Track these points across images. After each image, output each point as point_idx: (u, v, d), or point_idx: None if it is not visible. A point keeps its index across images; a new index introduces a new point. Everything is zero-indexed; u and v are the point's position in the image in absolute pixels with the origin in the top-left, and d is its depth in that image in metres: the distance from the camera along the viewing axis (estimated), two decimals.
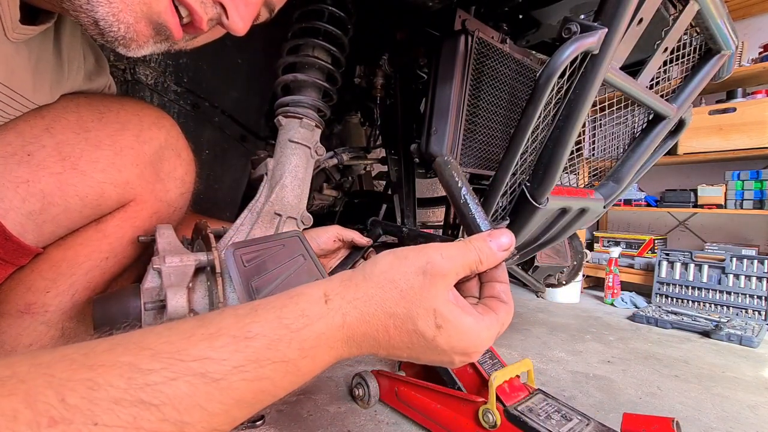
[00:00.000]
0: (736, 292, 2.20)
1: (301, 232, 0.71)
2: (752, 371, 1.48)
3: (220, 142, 1.14)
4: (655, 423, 0.78)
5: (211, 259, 0.59)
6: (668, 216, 2.98)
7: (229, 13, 0.49)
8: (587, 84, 0.63)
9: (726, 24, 0.75)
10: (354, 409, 1.06)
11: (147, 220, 0.68)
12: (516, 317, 2.04)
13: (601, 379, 1.34)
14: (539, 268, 1.28)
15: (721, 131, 2.40)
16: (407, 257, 0.38)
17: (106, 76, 0.73)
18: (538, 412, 0.85)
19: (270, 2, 0.55)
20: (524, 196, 0.72)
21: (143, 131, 0.64)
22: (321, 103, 0.87)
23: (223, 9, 0.48)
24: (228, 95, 1.13)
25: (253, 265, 0.60)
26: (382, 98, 1.12)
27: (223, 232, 0.74)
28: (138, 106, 0.67)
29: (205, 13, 0.48)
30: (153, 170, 0.66)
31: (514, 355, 1.51)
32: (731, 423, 1.09)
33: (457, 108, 0.85)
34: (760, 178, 2.35)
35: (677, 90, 0.84)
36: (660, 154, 0.92)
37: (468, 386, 0.92)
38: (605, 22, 0.59)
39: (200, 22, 0.48)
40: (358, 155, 1.24)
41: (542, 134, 0.69)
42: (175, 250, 0.59)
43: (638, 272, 2.63)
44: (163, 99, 1.02)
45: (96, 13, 0.42)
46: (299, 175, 0.82)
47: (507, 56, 0.93)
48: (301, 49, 0.86)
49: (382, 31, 1.06)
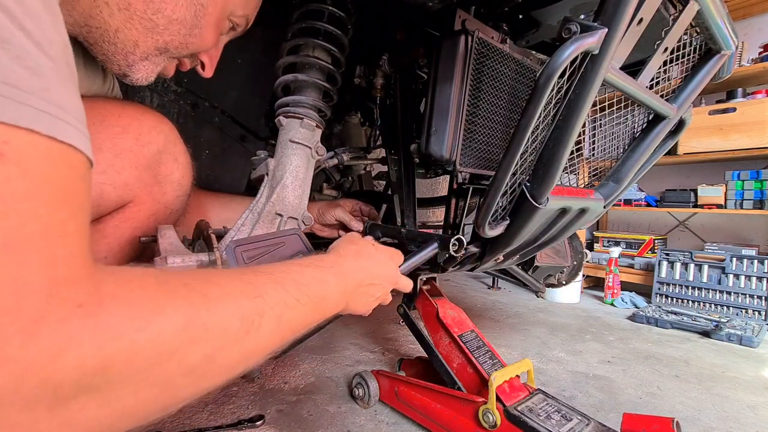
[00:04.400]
0: (736, 292, 2.20)
1: (300, 230, 0.72)
2: (752, 371, 1.48)
3: (219, 142, 1.14)
4: (655, 423, 0.78)
5: (213, 259, 0.59)
6: (668, 216, 2.98)
7: (206, 68, 0.72)
8: (587, 84, 0.63)
9: (726, 24, 0.75)
10: (354, 409, 1.06)
11: (145, 221, 0.68)
12: (516, 317, 2.04)
13: (601, 379, 1.34)
14: (539, 268, 1.28)
15: (721, 131, 2.40)
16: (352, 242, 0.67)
17: (109, 78, 0.74)
18: (538, 412, 0.85)
19: (236, 24, 0.71)
20: (524, 196, 0.72)
21: (143, 135, 0.65)
22: (321, 104, 0.86)
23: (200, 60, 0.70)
24: (228, 95, 1.13)
25: (254, 262, 0.60)
26: (382, 98, 1.12)
27: (223, 232, 0.74)
28: (138, 110, 0.67)
29: (191, 65, 0.70)
30: (151, 173, 0.67)
31: (514, 355, 1.51)
32: (731, 423, 1.09)
33: (457, 108, 0.85)
34: (760, 178, 2.35)
35: (677, 90, 0.84)
36: (660, 154, 0.92)
37: (468, 386, 0.92)
38: (605, 22, 0.59)
39: (186, 68, 0.70)
40: (358, 155, 1.24)
41: (542, 134, 0.69)
42: (177, 251, 0.59)
43: (638, 272, 2.63)
44: (163, 99, 1.02)
45: (133, 75, 0.61)
46: (300, 176, 0.82)
47: (507, 56, 0.93)
48: (302, 49, 0.86)
49: (382, 31, 1.06)
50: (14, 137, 0.26)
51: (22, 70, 0.27)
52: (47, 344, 0.25)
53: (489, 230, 0.75)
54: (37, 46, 0.28)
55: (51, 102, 0.28)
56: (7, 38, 0.26)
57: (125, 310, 0.29)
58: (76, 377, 0.26)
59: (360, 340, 1.56)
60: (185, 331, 0.32)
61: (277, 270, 0.48)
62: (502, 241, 0.81)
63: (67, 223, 0.29)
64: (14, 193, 0.26)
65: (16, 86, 0.26)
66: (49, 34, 0.29)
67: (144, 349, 0.29)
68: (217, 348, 0.35)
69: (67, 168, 0.30)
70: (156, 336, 0.30)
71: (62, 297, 0.27)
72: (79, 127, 0.31)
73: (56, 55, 0.29)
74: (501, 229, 0.77)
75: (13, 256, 0.25)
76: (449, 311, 1.05)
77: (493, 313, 2.09)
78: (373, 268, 0.63)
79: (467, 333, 1.01)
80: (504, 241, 0.81)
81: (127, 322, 0.29)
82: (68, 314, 0.26)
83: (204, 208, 0.92)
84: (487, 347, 0.99)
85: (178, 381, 0.32)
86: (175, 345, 0.31)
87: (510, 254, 0.94)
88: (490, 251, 0.87)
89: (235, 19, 0.69)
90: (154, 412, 0.32)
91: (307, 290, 0.48)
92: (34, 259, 0.26)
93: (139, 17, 0.55)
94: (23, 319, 0.24)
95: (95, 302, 0.28)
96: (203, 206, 0.92)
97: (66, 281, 0.27)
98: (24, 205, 0.26)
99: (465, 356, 0.95)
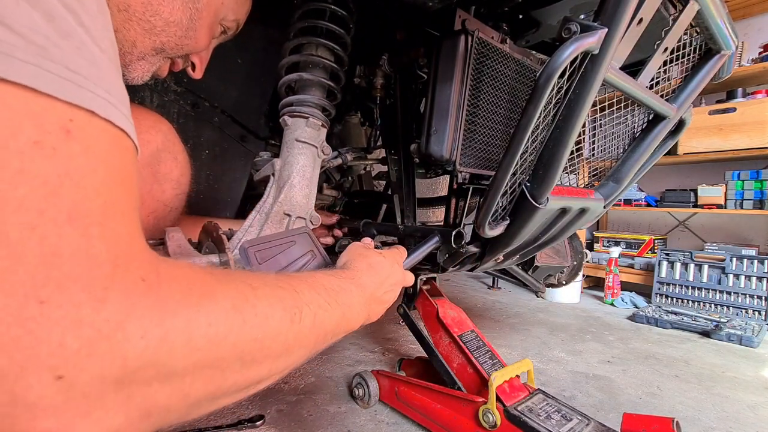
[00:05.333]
0: (736, 292, 2.20)
1: (309, 229, 0.72)
2: (752, 371, 1.48)
3: (219, 142, 1.14)
4: (655, 423, 0.78)
5: (225, 260, 0.59)
6: (668, 216, 2.97)
7: (197, 69, 0.72)
8: (587, 84, 0.63)
9: (726, 24, 0.75)
10: (354, 409, 1.06)
11: (144, 219, 0.69)
12: (516, 317, 2.04)
13: (601, 379, 1.34)
14: (539, 268, 1.28)
15: (721, 131, 2.40)
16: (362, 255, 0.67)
17: None
18: (538, 412, 0.85)
19: (227, 28, 0.72)
20: (524, 196, 0.72)
21: (141, 134, 0.66)
22: (326, 102, 0.86)
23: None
24: (228, 95, 1.12)
25: (267, 261, 0.60)
26: (382, 98, 1.12)
27: (230, 233, 0.74)
28: (136, 110, 0.68)
29: (183, 65, 0.71)
30: (150, 171, 0.68)
31: (514, 355, 1.51)
32: (731, 423, 1.09)
33: (457, 108, 0.85)
34: (760, 178, 2.35)
35: (677, 90, 0.84)
36: (660, 154, 0.92)
37: (468, 386, 0.92)
38: (605, 22, 0.59)
39: (178, 68, 0.71)
40: (359, 155, 1.24)
41: (542, 134, 0.69)
42: (186, 253, 0.59)
43: (638, 272, 2.63)
44: (163, 99, 1.02)
45: (129, 74, 0.61)
46: (307, 175, 0.82)
47: (507, 56, 0.93)
48: (305, 48, 0.86)
49: (382, 31, 1.06)
50: (78, 116, 0.27)
51: (82, 60, 0.28)
52: (115, 311, 0.26)
53: (489, 230, 0.75)
54: (93, 41, 0.30)
55: (105, 89, 0.30)
56: (70, 32, 0.28)
57: (183, 288, 0.31)
58: (141, 348, 0.27)
59: (360, 340, 1.56)
60: (236, 312, 0.34)
61: (306, 276, 0.49)
62: (502, 241, 0.81)
63: (124, 202, 0.30)
64: (78, 168, 0.27)
65: (78, 72, 0.28)
66: (102, 31, 0.31)
67: (200, 325, 0.30)
68: (265, 334, 0.36)
69: (123, 150, 0.32)
70: (210, 314, 0.31)
71: (127, 269, 0.28)
72: (127, 114, 0.33)
73: (107, 50, 0.32)
74: (501, 229, 0.77)
75: (79, 228, 0.26)
76: (449, 311, 1.05)
77: (493, 313, 2.09)
78: (385, 278, 0.64)
79: (467, 333, 1.01)
80: (504, 241, 0.81)
81: (185, 299, 0.30)
82: (133, 286, 0.27)
83: None
84: (487, 347, 0.99)
85: (228, 364, 0.33)
86: (228, 325, 0.32)
87: (510, 254, 0.94)
88: (490, 251, 0.87)
89: (226, 23, 0.71)
90: (204, 399, 0.33)
91: (336, 296, 0.49)
92: (99, 233, 0.27)
93: (137, 18, 0.56)
94: (94, 286, 0.25)
95: (155, 279, 0.29)
96: None
97: (127, 256, 0.28)
98: (87, 181, 0.27)
99: (465, 356, 0.95)
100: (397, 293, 0.69)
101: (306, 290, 0.44)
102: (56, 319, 0.24)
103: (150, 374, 0.27)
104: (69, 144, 0.27)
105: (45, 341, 0.23)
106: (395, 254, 0.73)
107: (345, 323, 0.51)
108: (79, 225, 0.26)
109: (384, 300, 0.64)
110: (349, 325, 0.53)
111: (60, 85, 0.27)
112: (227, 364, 0.33)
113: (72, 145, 0.27)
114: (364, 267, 0.62)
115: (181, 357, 0.29)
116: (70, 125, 0.27)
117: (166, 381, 0.29)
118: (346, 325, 0.52)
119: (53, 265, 0.24)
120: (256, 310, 0.36)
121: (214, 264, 0.60)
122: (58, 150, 0.26)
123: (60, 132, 0.26)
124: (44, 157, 0.25)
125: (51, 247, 0.24)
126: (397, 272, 0.69)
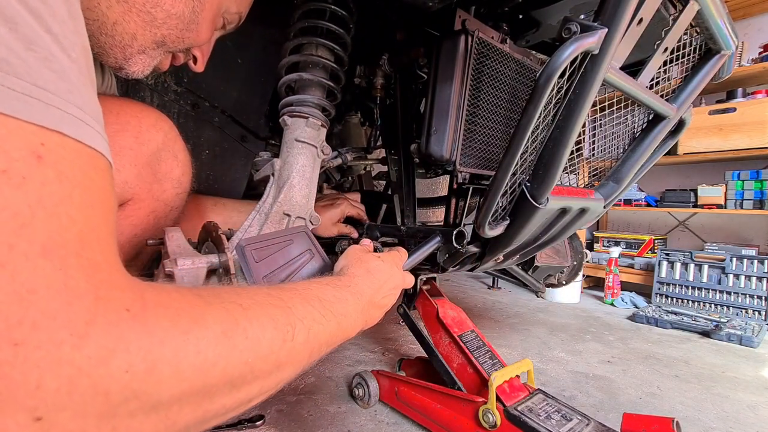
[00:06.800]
0: (736, 292, 2.20)
1: (308, 228, 0.72)
2: (752, 371, 1.48)
3: (219, 142, 1.14)
4: (655, 423, 0.78)
5: (224, 260, 0.59)
6: (668, 216, 2.97)
7: (198, 62, 0.71)
8: (587, 84, 0.63)
9: (726, 24, 0.75)
10: (354, 409, 1.06)
11: (144, 218, 0.68)
12: (516, 317, 2.04)
13: (601, 379, 1.34)
14: (539, 268, 1.28)
15: (721, 131, 2.40)
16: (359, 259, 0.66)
17: (107, 76, 0.74)
18: (538, 412, 0.85)
19: (229, 21, 0.71)
20: (524, 196, 0.72)
21: (142, 133, 0.65)
22: (326, 102, 0.86)
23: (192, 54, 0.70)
24: (228, 95, 1.12)
25: (264, 260, 0.60)
26: (382, 98, 1.12)
27: (230, 233, 0.74)
28: (137, 108, 0.67)
29: (184, 59, 0.69)
30: (151, 171, 0.67)
31: (514, 355, 1.51)
32: (731, 423, 1.09)
33: (457, 108, 0.85)
34: (760, 178, 2.35)
35: (677, 90, 0.84)
36: (660, 154, 0.92)
37: (468, 386, 0.92)
38: (605, 22, 0.59)
39: (179, 62, 0.69)
40: (359, 155, 1.24)
41: (542, 134, 0.69)
42: (186, 252, 0.59)
43: (638, 272, 2.63)
44: (163, 99, 1.02)
45: (129, 68, 0.59)
46: (307, 175, 0.82)
47: (507, 56, 0.93)
48: (305, 48, 0.86)
49: (382, 31, 1.06)
50: (49, 140, 0.26)
51: (50, 73, 0.26)
52: (98, 347, 0.25)
53: (489, 230, 0.75)
54: (62, 49, 0.28)
55: (76, 105, 0.28)
56: (35, 40, 0.26)
57: (171, 315, 0.29)
58: (125, 382, 0.26)
59: (360, 340, 1.56)
60: (226, 337, 0.32)
61: (300, 287, 0.48)
62: (502, 241, 0.81)
63: (102, 227, 0.28)
64: (52, 196, 0.25)
65: (45, 88, 0.26)
66: (73, 37, 0.29)
67: (189, 354, 0.29)
68: (256, 356, 0.35)
69: (96, 172, 0.29)
70: (199, 341, 0.30)
71: (110, 300, 0.26)
72: (100, 130, 0.31)
73: (78, 58, 0.29)
74: (501, 229, 0.77)
75: (56, 261, 0.24)
76: (449, 311, 1.05)
77: (493, 313, 2.09)
78: (383, 283, 0.63)
79: (467, 333, 1.01)
80: (504, 241, 0.81)
81: (172, 327, 0.29)
82: (117, 318, 0.26)
83: (201, 211, 0.92)
84: (487, 347, 0.99)
85: (218, 390, 0.32)
86: (218, 352, 0.31)
87: (510, 254, 0.94)
88: (490, 251, 0.87)
89: (229, 16, 0.70)
90: (192, 424, 0.32)
91: (331, 307, 0.48)
92: (76, 264, 0.25)
93: (137, 10, 0.55)
94: (75, 321, 0.24)
95: (141, 307, 0.28)
96: (201, 209, 0.92)
97: (110, 286, 0.27)
98: (61, 209, 0.25)
99: (465, 356, 0.95)
100: (397, 296, 0.68)
101: (299, 304, 0.43)
102: (34, 361, 0.22)
103: (134, 406, 0.26)
104: (41, 170, 0.25)
105: (21, 384, 0.22)
106: (394, 257, 0.72)
107: (341, 333, 0.50)
108: (54, 257, 0.24)
109: (382, 305, 0.63)
110: (345, 334, 0.52)
111: (27, 105, 0.25)
112: (216, 390, 0.32)
113: (44, 171, 0.25)
114: (362, 273, 0.60)
115: (167, 387, 0.28)
116: (42, 150, 0.25)
117: (153, 411, 0.28)
118: (342, 335, 0.51)
119: (28, 302, 0.23)
120: (247, 333, 0.34)
121: (214, 264, 0.60)
122: (29, 178, 0.24)
123: (30, 158, 0.24)
124: (13, 187, 0.23)
125: (24, 285, 0.23)
126: (396, 276, 0.68)
